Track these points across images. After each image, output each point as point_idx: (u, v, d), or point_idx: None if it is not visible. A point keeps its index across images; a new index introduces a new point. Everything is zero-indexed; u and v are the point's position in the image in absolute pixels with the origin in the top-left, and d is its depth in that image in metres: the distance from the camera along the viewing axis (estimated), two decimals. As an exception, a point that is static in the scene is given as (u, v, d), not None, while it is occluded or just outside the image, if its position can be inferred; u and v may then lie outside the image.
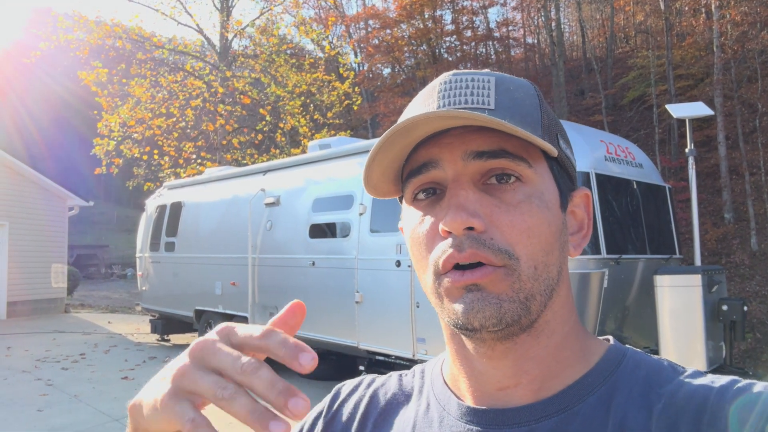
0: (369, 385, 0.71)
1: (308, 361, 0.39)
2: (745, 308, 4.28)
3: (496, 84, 0.56)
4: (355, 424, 0.67)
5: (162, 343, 10.19)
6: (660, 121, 21.73)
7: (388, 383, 0.70)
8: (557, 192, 0.57)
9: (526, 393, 0.56)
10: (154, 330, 10.13)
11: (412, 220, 0.58)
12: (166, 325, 9.95)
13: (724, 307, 4.31)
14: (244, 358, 0.40)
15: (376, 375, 0.73)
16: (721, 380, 0.52)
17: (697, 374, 0.55)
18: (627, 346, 0.60)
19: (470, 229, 0.52)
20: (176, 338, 10.44)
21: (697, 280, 4.28)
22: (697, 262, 5.26)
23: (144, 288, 10.14)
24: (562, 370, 0.57)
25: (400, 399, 0.66)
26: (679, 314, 4.40)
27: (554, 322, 0.57)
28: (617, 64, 26.87)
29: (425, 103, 0.57)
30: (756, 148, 18.38)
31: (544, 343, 0.56)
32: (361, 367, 5.91)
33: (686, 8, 24.16)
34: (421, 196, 0.57)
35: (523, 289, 0.53)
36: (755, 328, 8.98)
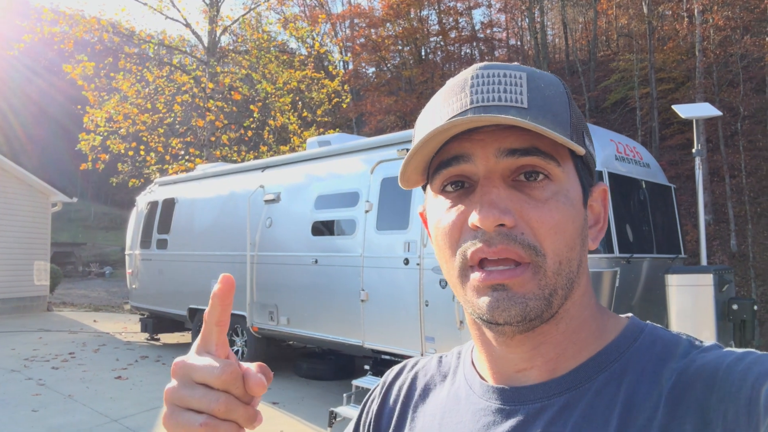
0: (412, 367, 0.75)
1: (257, 384, 0.49)
2: (755, 307, 4.35)
3: (527, 80, 0.57)
4: (399, 406, 0.71)
5: (152, 342, 10.02)
6: (642, 123, 22.04)
7: (428, 365, 0.73)
8: (581, 189, 0.59)
9: (541, 373, 0.59)
10: (144, 329, 9.95)
11: (440, 209, 0.60)
12: (157, 324, 9.78)
13: (735, 307, 4.37)
14: (221, 366, 0.49)
15: (420, 357, 0.77)
16: (734, 353, 0.53)
17: (714, 348, 0.55)
18: (647, 322, 0.62)
19: (501, 225, 0.54)
20: (166, 337, 10.28)
21: (708, 279, 4.33)
22: (703, 261, 5.33)
23: (134, 286, 9.95)
24: (578, 351, 0.59)
25: (437, 380, 0.70)
26: (690, 313, 4.44)
27: (573, 310, 0.59)
28: (600, 67, 27.21)
29: (457, 96, 0.57)
30: (737, 152, 18.76)
31: (562, 329, 0.59)
32: (366, 366, 5.85)
33: (669, 12, 24.53)
34: (450, 188, 0.59)
35: (548, 285, 0.55)
36: (755, 329, 9.13)
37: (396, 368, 0.78)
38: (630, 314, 0.64)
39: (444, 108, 0.58)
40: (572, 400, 0.56)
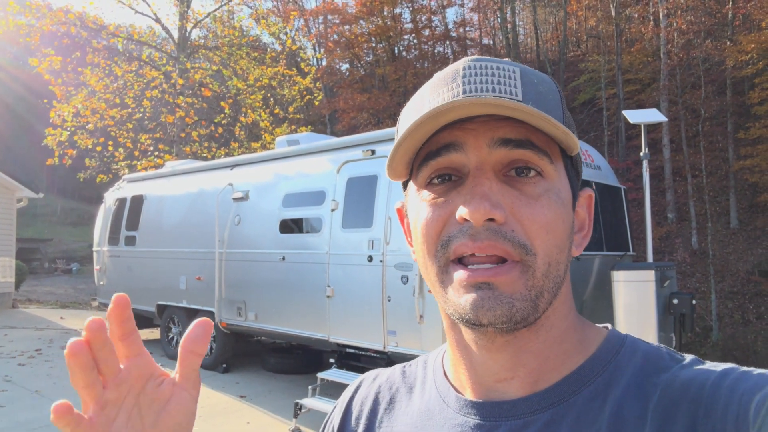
0: (374, 380, 0.72)
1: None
2: (694, 302, 4.66)
3: (521, 75, 0.55)
4: (363, 423, 0.67)
5: (120, 338, 10.02)
6: (609, 123, 22.56)
7: (392, 377, 0.70)
8: (570, 191, 0.57)
9: (523, 385, 0.56)
10: (112, 325, 9.93)
11: (423, 203, 0.56)
12: (125, 320, 9.77)
13: (675, 301, 4.68)
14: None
15: (380, 369, 0.74)
16: (717, 368, 0.52)
17: (695, 362, 0.54)
18: (626, 333, 0.60)
19: (491, 220, 0.51)
20: (135, 333, 10.26)
21: (650, 275, 4.63)
22: (650, 258, 5.64)
23: (102, 283, 9.94)
24: (561, 363, 0.57)
25: (404, 392, 0.67)
26: (634, 307, 4.73)
27: (554, 317, 0.57)
28: (569, 68, 27.70)
29: (448, 87, 0.55)
30: (698, 152, 19.36)
31: (542, 337, 0.56)
32: (331, 360, 6.03)
33: (636, 15, 25.10)
34: (437, 180, 0.56)
35: (535, 286, 0.52)
36: (695, 322, 9.58)
37: (354, 383, 0.74)
38: (608, 324, 0.62)
39: (434, 98, 0.55)
40: (556, 416, 0.54)
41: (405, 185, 0.62)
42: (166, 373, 0.52)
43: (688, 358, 0.56)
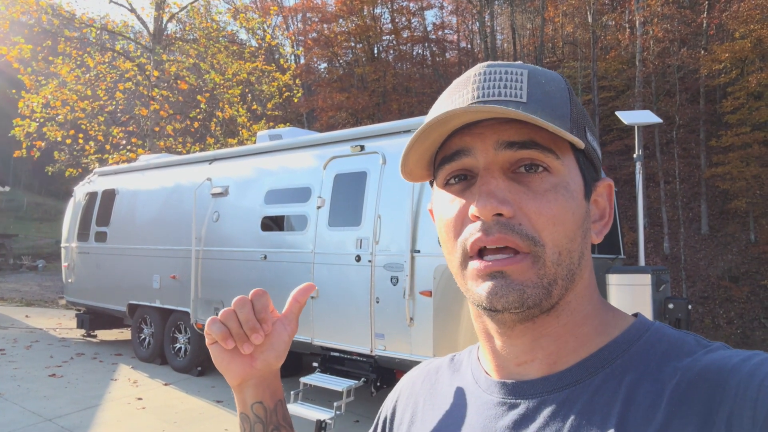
0: (427, 365, 0.79)
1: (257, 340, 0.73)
2: (689, 307, 4.59)
3: (528, 76, 0.58)
4: (413, 400, 0.75)
5: (89, 339, 9.62)
6: (585, 128, 22.76)
7: (441, 362, 0.76)
8: (582, 182, 0.60)
9: (542, 367, 0.60)
10: (80, 325, 9.53)
11: (444, 203, 0.61)
12: (94, 319, 9.38)
13: (671, 306, 4.59)
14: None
15: (435, 358, 0.80)
16: (741, 354, 0.53)
17: (721, 348, 0.55)
18: (655, 321, 0.61)
19: (499, 215, 0.55)
20: (104, 334, 9.89)
21: (646, 279, 4.54)
22: (641, 262, 5.56)
23: (70, 280, 9.52)
24: (580, 346, 0.59)
25: (447, 374, 0.73)
26: (629, 311, 4.62)
27: (575, 302, 0.60)
28: (546, 73, 27.88)
29: (460, 93, 0.59)
30: (672, 158, 19.66)
31: (563, 321, 0.59)
32: (315, 364, 5.80)
33: (612, 23, 25.42)
34: (453, 181, 0.60)
35: (547, 275, 0.56)
36: (690, 328, 9.61)
37: (415, 368, 0.82)
38: (638, 312, 0.64)
39: (449, 104, 0.59)
40: (572, 396, 0.56)
41: (432, 184, 0.66)
42: (276, 314, 0.76)
43: (715, 344, 0.56)
